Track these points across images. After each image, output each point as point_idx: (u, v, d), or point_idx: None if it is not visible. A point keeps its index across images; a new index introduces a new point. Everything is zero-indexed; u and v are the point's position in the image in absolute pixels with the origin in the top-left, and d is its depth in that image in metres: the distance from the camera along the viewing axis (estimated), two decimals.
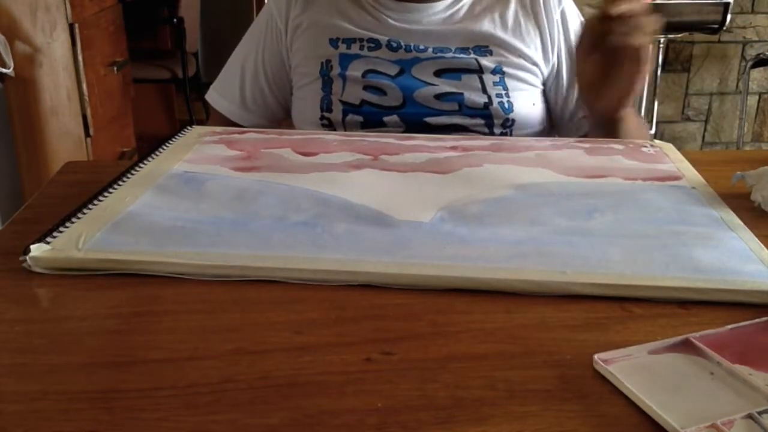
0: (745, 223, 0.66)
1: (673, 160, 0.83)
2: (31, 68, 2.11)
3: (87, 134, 2.24)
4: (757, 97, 3.41)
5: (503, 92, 1.01)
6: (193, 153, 0.81)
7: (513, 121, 1.02)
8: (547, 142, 0.89)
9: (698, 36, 3.20)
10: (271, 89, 1.10)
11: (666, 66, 3.24)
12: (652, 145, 0.88)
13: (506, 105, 1.01)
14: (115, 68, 2.48)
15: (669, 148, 0.87)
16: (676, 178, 0.77)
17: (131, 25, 2.72)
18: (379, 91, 1.01)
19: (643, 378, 0.45)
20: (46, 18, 2.09)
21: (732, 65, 3.35)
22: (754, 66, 3.12)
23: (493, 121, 1.01)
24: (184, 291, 0.56)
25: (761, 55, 3.12)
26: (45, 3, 2.08)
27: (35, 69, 2.12)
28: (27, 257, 0.58)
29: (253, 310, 0.54)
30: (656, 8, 2.77)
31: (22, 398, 0.44)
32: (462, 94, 1.01)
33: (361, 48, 1.03)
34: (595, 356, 0.47)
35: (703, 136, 3.46)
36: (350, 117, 1.01)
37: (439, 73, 1.02)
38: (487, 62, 1.02)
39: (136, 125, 2.76)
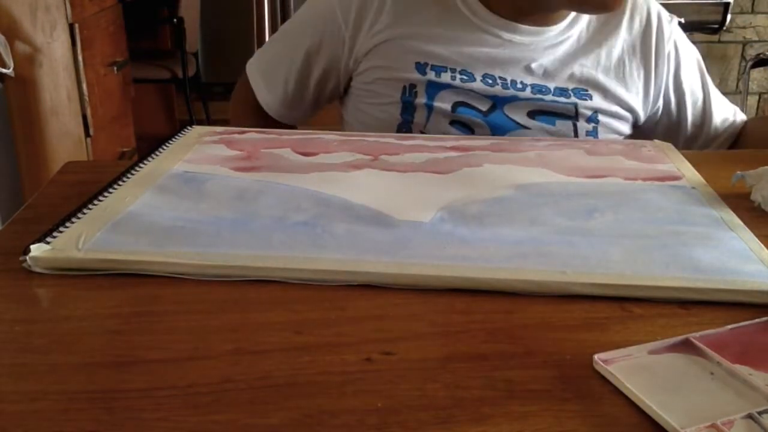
0: (745, 223, 0.66)
1: (673, 160, 0.83)
2: (31, 68, 2.11)
3: (87, 134, 2.24)
4: (757, 97, 3.41)
5: (593, 138, 0.98)
6: (193, 153, 0.81)
7: None
8: (547, 141, 0.89)
9: (698, 36, 3.20)
10: (314, 91, 1.04)
11: None
12: (652, 145, 0.88)
13: None
14: (115, 68, 2.48)
15: (669, 148, 0.87)
16: (676, 178, 0.77)
17: (131, 25, 2.72)
18: (467, 128, 0.95)
19: (643, 378, 0.45)
20: (46, 18, 2.09)
21: (732, 65, 3.35)
22: (754, 66, 3.12)
23: None
24: (184, 291, 0.56)
25: (761, 55, 3.12)
26: (45, 3, 2.08)
27: (35, 69, 2.12)
28: (27, 257, 0.58)
29: (253, 310, 0.53)
30: None
31: (22, 398, 0.44)
32: None
33: (453, 78, 0.95)
34: (595, 356, 0.47)
35: None
36: None
37: (532, 115, 0.96)
38: (584, 109, 0.97)
39: (136, 125, 2.77)
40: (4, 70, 1.96)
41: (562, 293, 0.55)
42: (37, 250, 0.58)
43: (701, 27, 2.90)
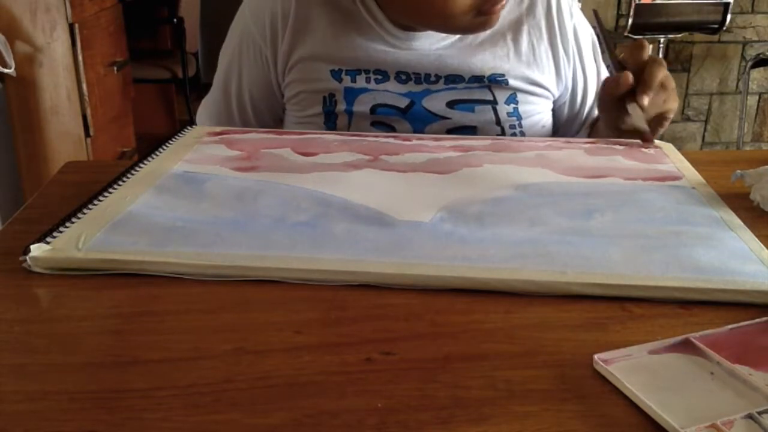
0: (745, 223, 0.66)
1: (673, 160, 0.83)
2: (31, 68, 2.11)
3: (87, 134, 2.24)
4: (757, 97, 3.41)
5: (516, 122, 0.98)
6: (193, 153, 0.81)
7: None
8: (547, 142, 0.89)
9: (698, 36, 3.20)
10: (257, 113, 1.05)
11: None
12: (652, 145, 0.88)
13: (518, 135, 0.99)
14: (115, 68, 2.48)
15: (669, 148, 0.87)
16: (676, 178, 0.77)
17: (131, 25, 2.72)
18: (388, 127, 0.97)
19: (643, 378, 0.45)
20: (46, 18, 2.09)
21: (732, 65, 3.35)
22: (754, 66, 3.13)
23: None
24: (184, 291, 0.56)
25: (761, 55, 3.12)
26: (45, 3, 2.08)
27: (35, 69, 2.12)
28: (27, 257, 0.58)
29: (253, 310, 0.54)
30: (657, 8, 2.78)
31: (22, 398, 0.44)
32: (475, 127, 0.97)
33: (368, 81, 0.96)
34: (595, 356, 0.47)
35: (703, 136, 3.46)
36: None
37: (452, 104, 0.97)
38: (501, 92, 0.98)
39: (136, 125, 2.76)
40: (5, 70, 1.96)
41: (562, 293, 0.55)
42: (37, 250, 0.58)
43: (701, 27, 2.90)
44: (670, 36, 3.02)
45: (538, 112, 1.01)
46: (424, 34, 0.96)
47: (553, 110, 1.06)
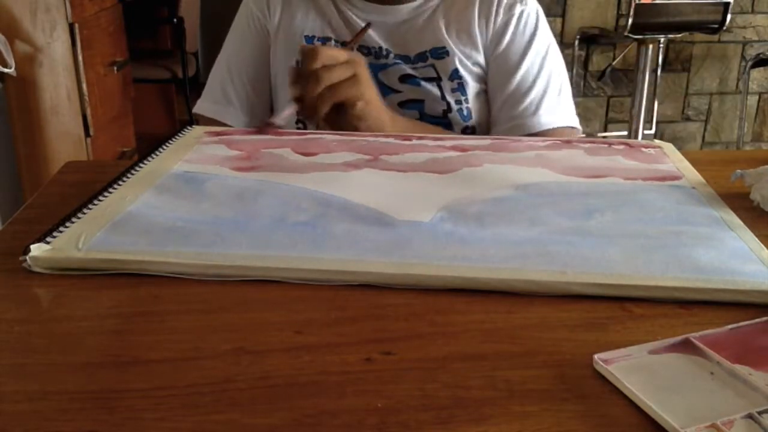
0: (745, 223, 0.66)
1: (673, 160, 0.83)
2: (31, 68, 2.11)
3: (87, 134, 2.24)
4: (757, 97, 3.41)
5: (462, 98, 1.03)
6: (193, 153, 0.81)
7: (472, 129, 1.02)
8: (547, 141, 0.89)
9: (698, 36, 3.20)
10: (254, 87, 1.10)
11: (666, 66, 3.24)
12: (652, 145, 0.88)
13: (465, 112, 1.02)
14: (115, 68, 2.48)
15: (669, 148, 0.87)
16: (676, 178, 0.77)
17: (131, 25, 2.72)
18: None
19: (643, 378, 0.45)
20: (46, 18, 2.09)
21: (732, 65, 3.35)
22: (754, 66, 3.13)
23: (453, 128, 1.02)
24: (184, 291, 0.56)
25: (761, 55, 3.12)
26: (45, 3, 2.08)
27: (35, 69, 2.12)
28: (27, 257, 0.58)
29: (253, 310, 0.54)
30: (657, 8, 2.78)
31: (22, 398, 0.44)
32: (423, 101, 1.02)
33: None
34: (595, 356, 0.47)
35: (703, 136, 3.46)
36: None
37: (403, 79, 1.03)
38: (444, 67, 1.02)
39: (136, 125, 2.76)
40: (6, 70, 1.96)
41: (562, 293, 0.55)
42: (37, 250, 0.58)
43: (701, 27, 2.90)
44: (670, 36, 3.02)
45: (484, 90, 1.05)
46: (381, 9, 1.05)
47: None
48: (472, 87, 1.04)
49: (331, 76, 0.87)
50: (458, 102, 1.02)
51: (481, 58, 1.05)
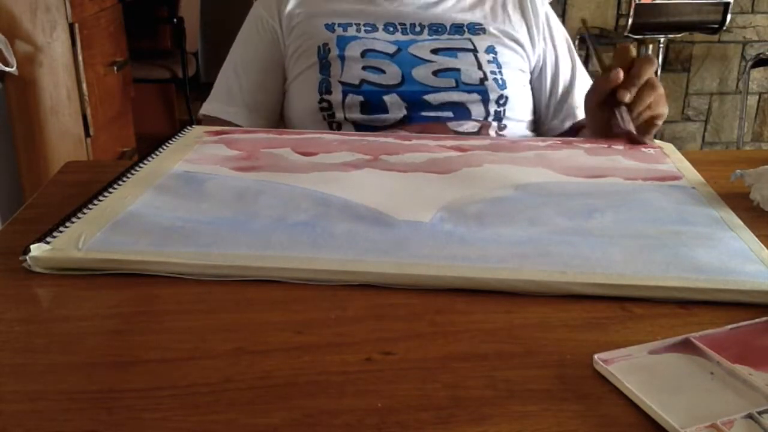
0: (745, 223, 0.66)
1: (673, 160, 0.83)
2: (31, 68, 2.11)
3: (87, 134, 2.24)
4: (757, 97, 3.41)
5: (497, 70, 1.05)
6: (193, 153, 0.81)
7: (507, 98, 1.04)
8: (547, 142, 0.89)
9: (698, 36, 3.20)
10: (265, 87, 1.10)
11: (666, 66, 3.24)
12: (652, 145, 0.88)
13: (500, 81, 1.04)
14: (115, 68, 2.48)
15: (669, 148, 0.87)
16: (676, 178, 0.77)
17: (131, 25, 2.72)
18: (378, 70, 1.03)
19: (643, 378, 0.45)
20: (46, 18, 2.09)
21: (732, 65, 3.35)
22: (754, 66, 3.12)
23: (489, 96, 1.03)
24: (184, 291, 0.56)
25: (761, 55, 3.12)
26: (45, 3, 2.08)
27: (35, 69, 2.12)
28: (27, 257, 0.58)
29: (253, 310, 0.54)
30: (657, 8, 2.78)
31: (22, 398, 0.44)
32: (459, 69, 1.03)
33: (358, 30, 1.06)
34: (595, 356, 0.47)
35: (703, 136, 3.46)
36: (350, 97, 1.01)
37: (436, 51, 1.05)
38: (481, 41, 1.06)
39: (136, 125, 2.76)
40: (7, 69, 1.96)
41: (562, 293, 0.55)
42: (37, 249, 0.58)
43: (701, 27, 2.90)
44: (670, 36, 3.02)
45: (519, 68, 1.08)
46: None
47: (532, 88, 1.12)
48: (508, 61, 1.06)
49: (660, 88, 0.88)
50: (493, 72, 1.04)
51: (518, 36, 1.09)
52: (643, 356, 0.47)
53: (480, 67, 1.04)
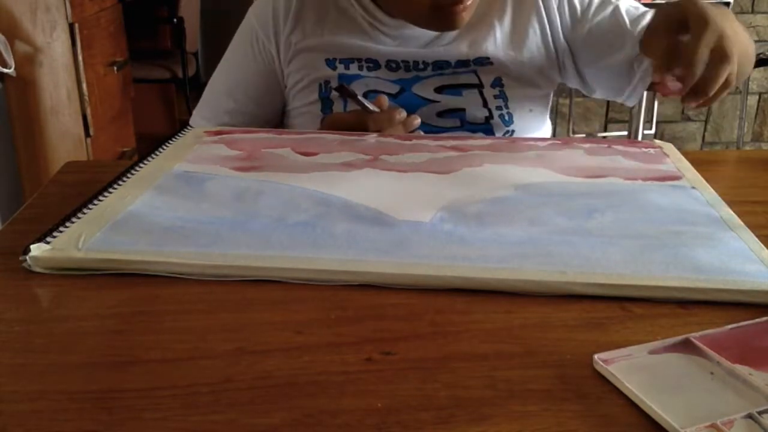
0: (745, 223, 0.66)
1: (673, 160, 0.83)
2: (31, 68, 2.11)
3: (87, 134, 2.24)
4: (757, 97, 3.41)
5: (503, 104, 1.01)
6: (193, 153, 0.81)
7: (512, 132, 1.01)
8: (547, 142, 0.89)
9: None
10: (261, 109, 1.07)
11: None
12: (652, 145, 0.88)
13: (506, 117, 1.01)
14: (115, 68, 2.48)
15: (669, 148, 0.87)
16: (676, 178, 0.77)
17: (131, 25, 2.72)
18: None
19: (643, 378, 0.45)
20: (46, 18, 2.09)
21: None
22: (754, 66, 3.12)
23: (494, 133, 1.00)
24: (184, 291, 0.56)
25: (761, 55, 3.12)
26: (45, 3, 2.08)
27: (35, 69, 2.12)
28: (27, 257, 0.58)
29: (253, 310, 0.54)
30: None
31: (22, 398, 0.44)
32: (464, 110, 1.00)
33: (360, 68, 1.01)
34: (595, 356, 0.47)
35: (703, 136, 3.46)
36: None
37: (440, 90, 1.01)
38: (487, 75, 1.00)
39: (136, 125, 2.76)
40: (5, 70, 1.96)
41: (562, 293, 0.55)
42: (37, 249, 0.58)
43: None
44: None
45: (524, 95, 1.03)
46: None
47: (565, 81, 1.05)
48: (516, 92, 1.01)
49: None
50: (499, 108, 1.00)
51: (530, 59, 1.01)
52: (643, 356, 0.47)
53: (485, 104, 1.00)
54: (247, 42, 1.06)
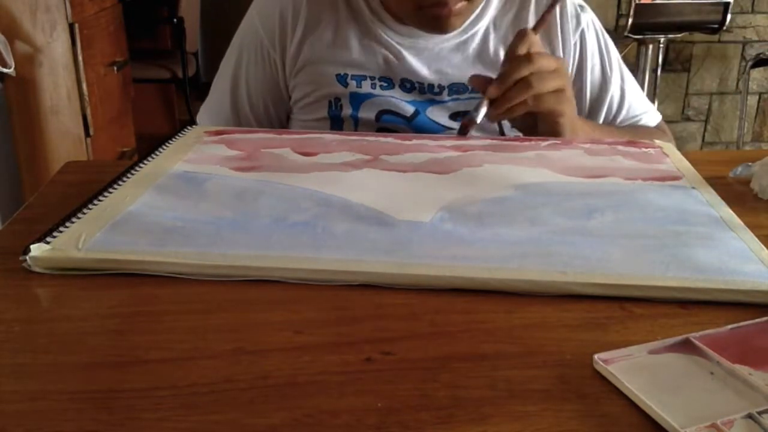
0: (745, 223, 0.66)
1: (673, 160, 0.82)
2: (31, 68, 2.11)
3: (87, 134, 2.24)
4: (757, 97, 3.41)
5: (520, 134, 0.98)
6: (193, 153, 0.81)
7: None
8: (547, 142, 0.89)
9: (698, 36, 3.20)
10: (267, 114, 1.04)
11: (666, 66, 3.24)
12: (652, 146, 0.88)
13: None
14: (115, 68, 2.48)
15: (669, 148, 0.87)
16: (676, 178, 0.77)
17: (131, 25, 2.72)
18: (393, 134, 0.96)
19: (643, 378, 0.45)
20: (46, 18, 2.09)
21: (732, 65, 3.35)
22: (754, 66, 3.12)
23: None
24: (183, 291, 0.56)
25: (761, 55, 3.12)
26: (45, 3, 2.08)
27: (35, 69, 2.12)
28: (27, 257, 0.58)
29: (253, 310, 0.53)
30: (657, 8, 2.78)
31: (22, 398, 0.44)
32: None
33: (373, 86, 0.97)
34: (595, 356, 0.47)
35: (703, 136, 3.46)
36: None
37: (454, 116, 0.98)
38: None
39: (136, 125, 2.76)
40: (5, 70, 1.96)
41: (562, 293, 0.55)
42: (37, 250, 0.58)
43: (701, 27, 2.90)
44: (670, 36, 3.02)
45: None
46: (424, 34, 0.97)
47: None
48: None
49: (541, 85, 0.83)
50: (515, 132, 0.98)
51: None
52: (643, 356, 0.47)
53: (502, 132, 0.98)
54: (251, 50, 1.01)
